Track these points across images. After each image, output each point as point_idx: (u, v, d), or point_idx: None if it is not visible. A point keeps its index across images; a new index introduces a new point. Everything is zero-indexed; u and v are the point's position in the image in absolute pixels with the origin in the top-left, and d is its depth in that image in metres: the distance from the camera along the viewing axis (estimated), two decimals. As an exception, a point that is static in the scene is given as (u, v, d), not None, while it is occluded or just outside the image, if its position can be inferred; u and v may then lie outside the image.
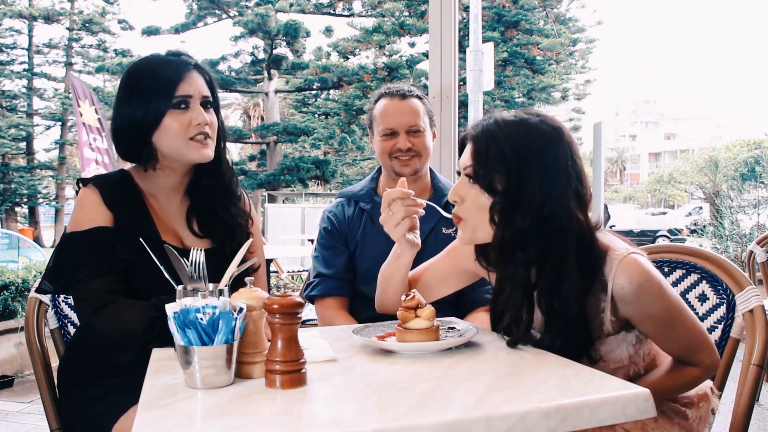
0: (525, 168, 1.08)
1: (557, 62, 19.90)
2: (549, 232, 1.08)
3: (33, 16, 21.19)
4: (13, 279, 3.83)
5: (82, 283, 1.24)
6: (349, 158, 21.89)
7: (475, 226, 1.14)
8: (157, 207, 1.38)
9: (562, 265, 1.08)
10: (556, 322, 1.09)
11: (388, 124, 1.71)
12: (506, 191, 1.09)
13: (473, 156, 1.12)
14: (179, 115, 1.30)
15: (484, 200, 1.12)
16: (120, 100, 1.33)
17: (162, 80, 1.30)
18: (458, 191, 1.15)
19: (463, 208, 1.15)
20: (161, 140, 1.31)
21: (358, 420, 0.78)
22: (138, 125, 1.30)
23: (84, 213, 1.29)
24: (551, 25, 19.71)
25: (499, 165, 1.09)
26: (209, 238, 1.40)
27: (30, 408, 3.24)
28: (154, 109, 1.29)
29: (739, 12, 53.88)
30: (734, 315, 1.34)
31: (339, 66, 19.34)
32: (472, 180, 1.13)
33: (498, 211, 1.10)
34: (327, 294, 1.72)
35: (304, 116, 21.18)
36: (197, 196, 1.41)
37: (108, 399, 1.25)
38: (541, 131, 1.11)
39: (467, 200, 1.14)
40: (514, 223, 1.09)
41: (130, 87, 1.33)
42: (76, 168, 22.37)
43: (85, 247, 1.27)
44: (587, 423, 0.80)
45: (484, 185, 1.11)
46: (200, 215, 1.41)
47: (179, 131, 1.30)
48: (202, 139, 1.32)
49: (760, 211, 7.87)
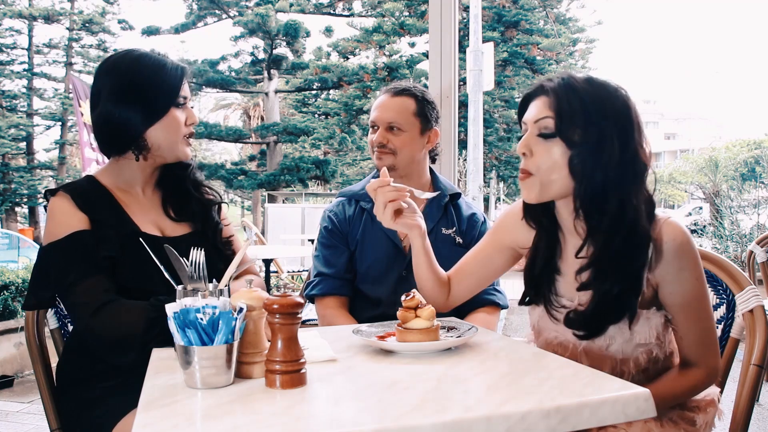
0: (603, 122, 1.09)
1: (557, 62, 19.89)
2: (627, 184, 1.10)
3: (33, 16, 21.17)
4: (13, 279, 3.83)
5: (74, 286, 1.23)
6: (349, 158, 21.89)
7: (546, 181, 1.13)
8: (129, 202, 1.39)
9: (636, 215, 1.11)
10: (622, 271, 1.11)
11: (372, 117, 1.75)
12: (586, 144, 1.09)
13: (553, 108, 1.11)
14: (180, 113, 1.38)
15: (558, 154, 1.11)
16: (116, 99, 1.32)
17: (169, 79, 1.36)
18: (528, 144, 1.14)
19: (532, 162, 1.14)
20: (158, 134, 1.35)
21: (358, 420, 0.78)
22: (135, 119, 1.32)
23: (57, 222, 1.28)
24: (551, 25, 19.71)
25: (579, 118, 1.09)
26: (188, 222, 1.45)
27: (30, 408, 3.24)
28: (160, 105, 1.34)
29: (739, 12, 53.92)
30: (734, 315, 1.34)
31: (339, 66, 19.35)
32: (547, 133, 1.12)
33: (579, 163, 1.10)
34: (327, 293, 1.72)
35: (304, 116, 21.19)
36: (168, 187, 1.47)
37: (108, 400, 1.25)
38: (612, 89, 1.13)
39: (537, 154, 1.13)
40: (595, 176, 1.10)
41: (130, 85, 1.33)
42: (76, 168, 22.36)
43: (68, 253, 1.26)
44: (587, 423, 0.80)
45: (565, 138, 1.10)
46: (175, 203, 1.46)
47: (178, 127, 1.37)
48: (188, 138, 1.41)
49: (760, 211, 7.87)
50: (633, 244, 1.11)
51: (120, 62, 1.36)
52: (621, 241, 1.11)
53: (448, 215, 1.76)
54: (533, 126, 1.14)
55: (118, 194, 1.39)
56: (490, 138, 18.83)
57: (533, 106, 1.16)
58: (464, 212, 1.78)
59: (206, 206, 1.49)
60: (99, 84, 1.36)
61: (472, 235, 1.75)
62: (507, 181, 20.33)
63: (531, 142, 1.14)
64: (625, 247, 1.11)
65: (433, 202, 1.76)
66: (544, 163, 1.12)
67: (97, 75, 1.37)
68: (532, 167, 1.14)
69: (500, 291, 1.75)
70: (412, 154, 1.73)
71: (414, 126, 1.72)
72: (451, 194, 1.78)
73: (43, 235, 1.32)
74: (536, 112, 1.14)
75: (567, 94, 1.11)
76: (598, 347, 1.19)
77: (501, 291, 1.75)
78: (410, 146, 1.71)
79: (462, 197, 1.81)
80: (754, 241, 2.95)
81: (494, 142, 19.23)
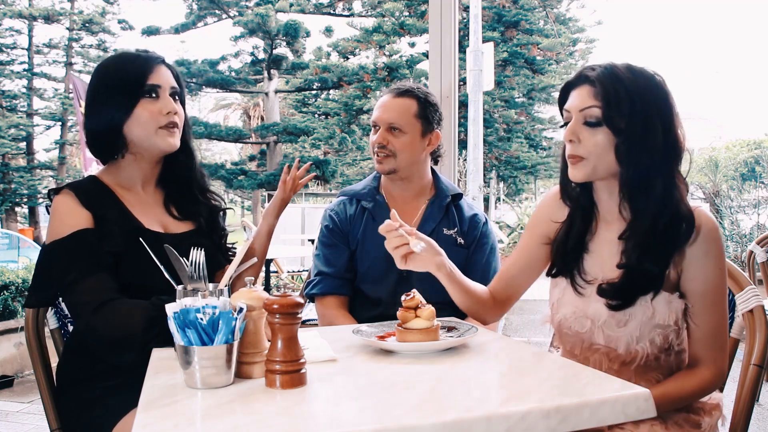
0: (647, 109, 1.14)
1: (557, 62, 19.90)
2: (669, 167, 1.16)
3: (33, 16, 21.17)
4: (13, 279, 3.83)
5: (74, 285, 1.23)
6: (349, 158, 21.87)
7: (596, 165, 1.18)
8: (132, 200, 1.39)
9: (679, 196, 1.17)
10: (663, 250, 1.17)
11: (373, 117, 1.74)
12: (632, 131, 1.14)
13: (599, 98, 1.16)
14: (150, 104, 1.35)
15: (603, 140, 1.16)
16: (92, 97, 1.36)
17: (132, 71, 1.34)
18: (576, 132, 1.18)
19: (582, 147, 1.18)
20: (132, 129, 1.34)
21: (358, 420, 0.78)
22: (109, 118, 1.33)
23: (61, 220, 1.28)
24: (551, 25, 19.72)
25: (625, 106, 1.14)
26: (191, 220, 1.45)
27: (30, 408, 3.24)
28: (126, 98, 1.33)
29: (739, 12, 53.84)
30: (734, 315, 1.34)
31: (339, 66, 19.34)
32: (593, 121, 1.16)
33: (625, 150, 1.15)
34: (328, 293, 1.72)
35: (304, 116, 21.18)
36: (171, 185, 1.47)
37: (108, 400, 1.25)
38: (650, 75, 1.18)
39: (585, 140, 1.18)
40: (641, 161, 1.15)
41: (101, 81, 1.36)
42: (76, 168, 22.36)
43: (70, 251, 1.26)
44: (587, 423, 0.80)
45: (611, 126, 1.15)
46: (177, 201, 1.46)
47: (150, 119, 1.34)
48: (170, 127, 1.37)
49: (760, 211, 7.87)
50: (677, 223, 1.17)
51: (100, 65, 1.40)
52: (666, 222, 1.16)
53: (450, 216, 1.76)
54: (578, 114, 1.18)
55: (120, 192, 1.39)
56: (490, 138, 18.84)
57: (576, 95, 1.20)
58: (466, 213, 1.78)
59: (213, 212, 1.50)
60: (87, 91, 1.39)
61: (474, 235, 1.75)
62: (507, 181, 20.33)
63: (578, 130, 1.19)
64: (670, 226, 1.16)
65: (435, 202, 1.76)
66: (592, 148, 1.18)
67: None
68: (582, 152, 1.19)
69: None
70: (412, 157, 1.72)
71: (415, 128, 1.71)
72: (452, 195, 1.78)
73: (46, 234, 1.32)
74: (581, 101, 1.18)
75: (612, 84, 1.15)
76: (616, 322, 1.21)
77: None
78: (410, 148, 1.71)
79: (463, 198, 1.81)
80: (754, 241, 2.95)
81: (494, 142, 19.24)
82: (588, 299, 1.24)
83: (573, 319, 1.26)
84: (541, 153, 20.66)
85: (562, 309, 1.28)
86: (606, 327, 1.22)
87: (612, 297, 1.20)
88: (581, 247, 1.28)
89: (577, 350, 1.28)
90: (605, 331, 1.22)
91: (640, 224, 1.18)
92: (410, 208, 1.76)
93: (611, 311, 1.20)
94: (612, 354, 1.23)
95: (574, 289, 1.27)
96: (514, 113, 19.26)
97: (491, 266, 1.75)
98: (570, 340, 1.29)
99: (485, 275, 1.71)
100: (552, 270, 1.32)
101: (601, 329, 1.23)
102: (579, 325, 1.25)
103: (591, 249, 1.28)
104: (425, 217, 1.75)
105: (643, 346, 1.19)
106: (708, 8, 60.64)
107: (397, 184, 1.77)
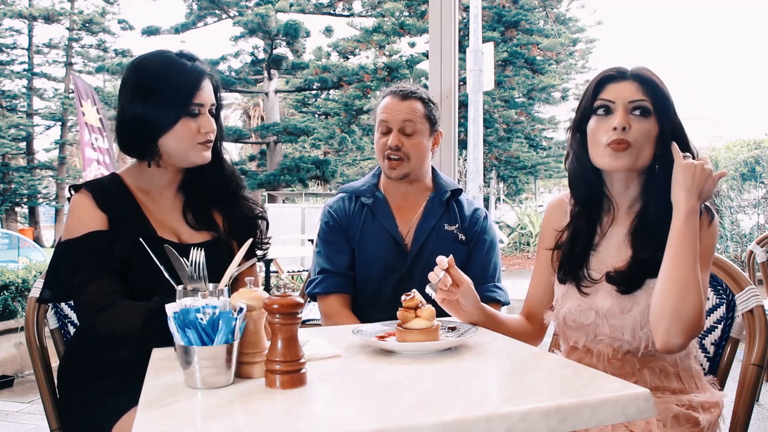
0: (674, 108, 1.26)
1: (557, 62, 19.89)
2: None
3: (33, 16, 21.18)
4: (13, 279, 3.83)
5: (81, 287, 1.24)
6: (349, 158, 21.88)
7: (639, 153, 1.24)
8: (150, 205, 1.39)
9: None
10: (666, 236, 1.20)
11: (383, 119, 1.72)
12: (670, 125, 1.25)
13: (646, 92, 1.24)
14: (191, 122, 1.33)
15: (652, 130, 1.24)
16: (131, 98, 1.32)
17: (180, 87, 1.32)
18: (626, 121, 1.24)
19: (631, 134, 1.23)
20: (169, 142, 1.33)
21: (358, 420, 0.78)
22: (149, 125, 1.31)
23: (77, 220, 1.30)
24: (551, 25, 19.71)
25: (667, 103, 1.25)
26: (208, 231, 1.43)
27: (30, 408, 3.24)
28: (169, 113, 1.31)
29: (739, 12, 53.81)
30: (734, 315, 1.34)
31: (339, 66, 19.34)
32: (644, 111, 1.24)
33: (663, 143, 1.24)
34: (331, 291, 1.71)
35: (304, 116, 21.17)
36: (191, 191, 1.44)
37: (108, 400, 1.25)
38: None
39: (633, 129, 1.23)
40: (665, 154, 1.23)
41: (145, 87, 1.32)
42: (76, 168, 22.37)
43: (81, 252, 1.27)
44: (587, 423, 0.80)
45: (659, 119, 1.24)
46: (196, 209, 1.44)
47: (188, 137, 1.33)
48: (206, 143, 1.36)
49: (760, 211, 7.87)
50: None
51: (143, 62, 1.36)
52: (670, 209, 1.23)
53: (450, 211, 1.76)
54: (627, 104, 1.24)
55: (139, 196, 1.39)
56: (490, 138, 18.83)
57: (622, 88, 1.25)
58: (466, 209, 1.78)
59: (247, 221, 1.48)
60: (124, 78, 1.36)
61: (474, 231, 1.75)
62: (507, 181, 20.33)
63: (626, 119, 1.24)
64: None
65: (435, 198, 1.76)
66: (640, 137, 1.24)
67: (126, 69, 1.38)
68: (631, 138, 1.23)
69: (501, 288, 1.74)
70: (423, 158, 1.73)
71: (424, 128, 1.72)
72: (452, 190, 1.78)
73: (63, 230, 1.33)
74: (630, 93, 1.25)
75: (652, 81, 1.25)
76: (620, 309, 1.23)
77: (502, 288, 1.74)
78: (421, 150, 1.72)
79: (463, 194, 1.81)
80: (754, 241, 2.94)
81: (494, 142, 19.23)
82: (593, 293, 1.27)
83: (578, 311, 1.28)
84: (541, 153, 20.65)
85: (567, 303, 1.30)
86: (610, 316, 1.24)
87: (621, 283, 1.24)
88: (588, 251, 1.31)
89: (581, 343, 1.29)
90: (609, 320, 1.24)
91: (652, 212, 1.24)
92: (411, 204, 1.76)
93: (618, 295, 1.24)
94: (616, 343, 1.24)
95: (578, 290, 1.29)
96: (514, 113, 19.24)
97: (491, 263, 1.74)
98: (574, 334, 1.30)
99: (484, 272, 1.71)
100: (559, 274, 1.34)
101: (606, 319, 1.24)
102: (584, 317, 1.27)
103: (598, 249, 1.31)
104: (426, 213, 1.74)
105: (648, 332, 1.20)
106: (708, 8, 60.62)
107: (401, 183, 1.76)
